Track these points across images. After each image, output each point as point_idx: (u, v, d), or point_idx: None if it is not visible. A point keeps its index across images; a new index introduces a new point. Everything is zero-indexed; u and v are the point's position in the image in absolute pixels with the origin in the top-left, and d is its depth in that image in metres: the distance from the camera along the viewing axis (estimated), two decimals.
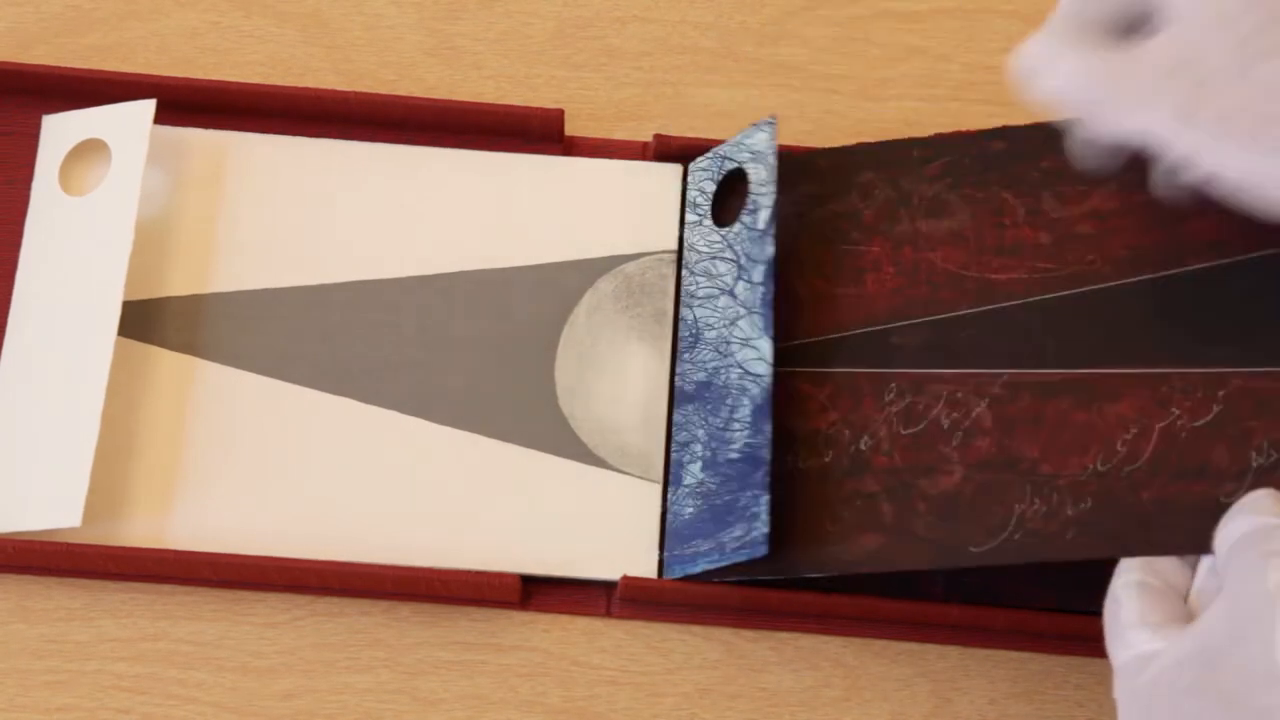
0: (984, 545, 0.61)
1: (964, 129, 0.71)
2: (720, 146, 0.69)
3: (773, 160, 0.67)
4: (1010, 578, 0.63)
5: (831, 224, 0.67)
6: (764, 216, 0.66)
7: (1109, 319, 0.62)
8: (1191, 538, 0.57)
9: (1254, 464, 0.58)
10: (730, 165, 0.69)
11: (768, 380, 0.64)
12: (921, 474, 0.63)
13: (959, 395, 0.63)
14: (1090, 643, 0.65)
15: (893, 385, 0.64)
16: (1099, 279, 0.63)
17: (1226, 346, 0.60)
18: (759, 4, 0.75)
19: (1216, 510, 0.56)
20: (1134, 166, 0.59)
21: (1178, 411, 0.60)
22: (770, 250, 0.66)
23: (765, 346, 0.65)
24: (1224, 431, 0.59)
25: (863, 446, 0.64)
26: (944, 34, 0.75)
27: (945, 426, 0.63)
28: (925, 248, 0.66)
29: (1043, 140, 0.66)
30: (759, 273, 0.66)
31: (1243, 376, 0.59)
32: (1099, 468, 0.60)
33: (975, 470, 0.62)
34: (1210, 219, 0.62)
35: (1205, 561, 0.56)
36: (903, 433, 0.63)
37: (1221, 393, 0.59)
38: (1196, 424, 0.59)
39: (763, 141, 0.68)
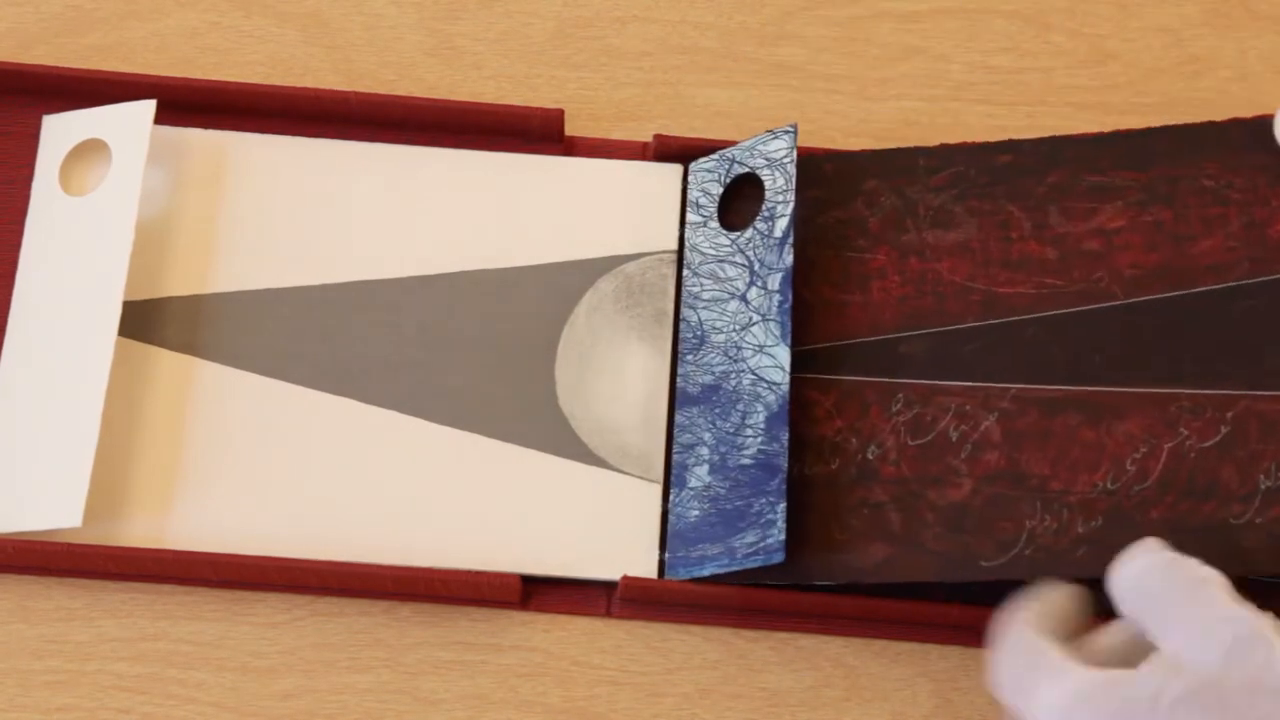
0: (995, 560, 0.61)
1: (967, 133, 0.71)
2: (729, 150, 0.69)
3: (792, 169, 0.67)
4: (1014, 587, 0.63)
5: (836, 230, 0.67)
6: (782, 225, 0.66)
7: (1117, 337, 0.62)
8: (1201, 558, 0.57)
9: (1262, 486, 0.58)
10: (740, 169, 0.68)
11: (785, 388, 0.64)
12: (930, 485, 0.63)
13: (967, 408, 0.63)
14: None
15: (900, 395, 0.64)
16: (1107, 297, 0.63)
17: (1234, 369, 0.60)
18: (759, 4, 0.75)
19: (1225, 530, 0.57)
20: None
21: (1186, 432, 0.60)
22: (789, 259, 0.66)
23: (783, 354, 0.65)
24: (1232, 453, 0.59)
25: (870, 455, 0.64)
26: (944, 34, 0.75)
27: (953, 439, 0.63)
28: (931, 258, 0.66)
29: (1049, 155, 0.66)
30: (775, 280, 0.66)
31: (1250, 399, 0.59)
32: (1109, 486, 0.60)
33: (984, 483, 0.62)
34: (1218, 240, 0.62)
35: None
36: (910, 443, 0.63)
37: (1230, 414, 0.59)
38: (1205, 445, 0.59)
39: (782, 149, 0.67)
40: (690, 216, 0.69)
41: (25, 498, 0.64)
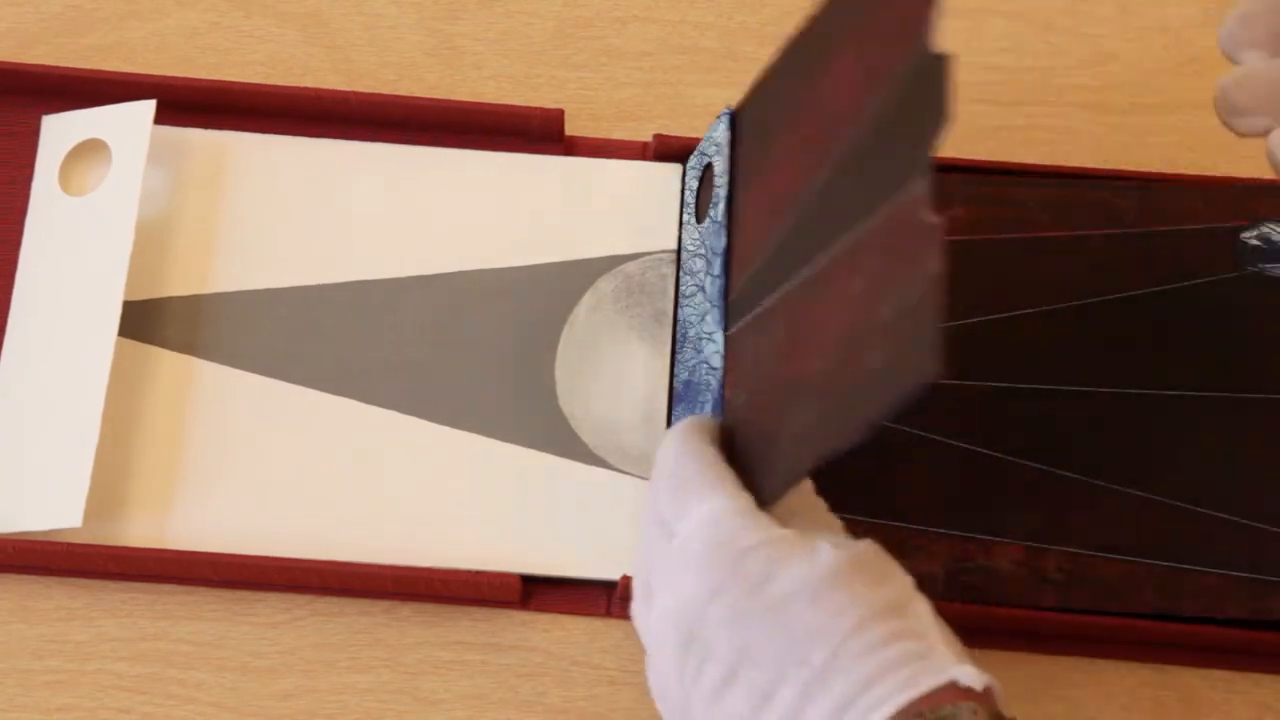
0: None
1: (967, 133, 0.71)
2: (701, 143, 0.69)
3: (729, 152, 0.66)
4: None
5: None
6: (722, 209, 0.66)
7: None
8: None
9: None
10: (704, 160, 0.68)
11: (721, 374, 0.64)
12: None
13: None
14: (1090, 644, 0.65)
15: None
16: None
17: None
18: (759, 4, 0.75)
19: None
20: None
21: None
22: (724, 241, 0.65)
23: (721, 339, 0.64)
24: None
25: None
26: (944, 34, 0.75)
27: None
28: None
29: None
30: (718, 265, 0.65)
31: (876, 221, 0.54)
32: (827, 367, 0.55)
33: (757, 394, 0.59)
34: None
35: None
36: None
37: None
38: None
39: (722, 133, 0.67)
40: (685, 215, 0.69)
41: (26, 498, 0.64)
